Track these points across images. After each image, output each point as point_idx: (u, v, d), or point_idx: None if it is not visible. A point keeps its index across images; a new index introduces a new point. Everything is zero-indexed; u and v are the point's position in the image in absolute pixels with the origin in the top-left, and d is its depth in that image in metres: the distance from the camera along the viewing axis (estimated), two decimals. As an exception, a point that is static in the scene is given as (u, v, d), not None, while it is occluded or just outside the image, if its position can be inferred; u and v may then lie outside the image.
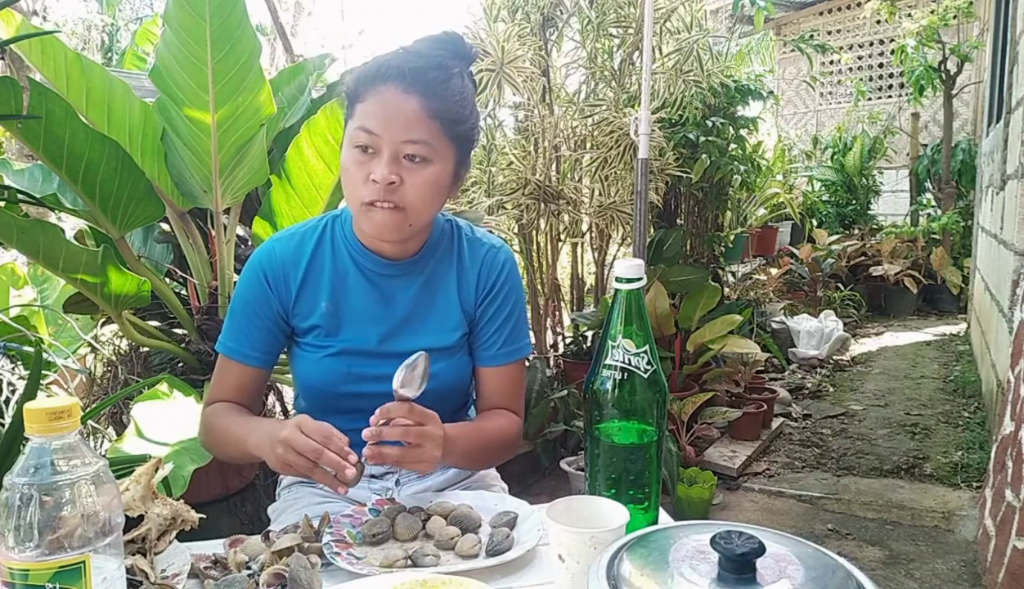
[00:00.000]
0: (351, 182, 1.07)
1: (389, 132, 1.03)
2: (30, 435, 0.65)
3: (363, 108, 1.05)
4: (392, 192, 1.04)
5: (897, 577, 2.32)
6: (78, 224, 2.50)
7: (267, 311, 1.16)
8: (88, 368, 2.43)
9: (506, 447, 1.20)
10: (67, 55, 1.97)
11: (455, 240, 1.21)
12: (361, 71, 1.07)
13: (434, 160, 1.06)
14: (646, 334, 0.91)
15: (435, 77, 1.04)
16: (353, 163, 1.05)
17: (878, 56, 8.59)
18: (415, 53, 1.06)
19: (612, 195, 3.10)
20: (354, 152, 1.05)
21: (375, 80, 1.04)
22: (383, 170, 1.02)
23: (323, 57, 2.85)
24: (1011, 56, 3.73)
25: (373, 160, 1.04)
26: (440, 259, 1.19)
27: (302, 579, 0.81)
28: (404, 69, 1.03)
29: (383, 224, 1.06)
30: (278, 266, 1.15)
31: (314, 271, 1.16)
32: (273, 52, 7.91)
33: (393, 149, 1.03)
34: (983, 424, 3.59)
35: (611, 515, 0.82)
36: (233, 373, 1.17)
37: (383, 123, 1.03)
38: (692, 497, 2.70)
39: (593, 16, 3.11)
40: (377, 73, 1.04)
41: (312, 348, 1.17)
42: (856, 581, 0.61)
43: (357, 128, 1.04)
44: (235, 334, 1.17)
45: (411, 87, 1.03)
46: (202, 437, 1.20)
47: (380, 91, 1.03)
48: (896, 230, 6.90)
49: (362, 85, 1.05)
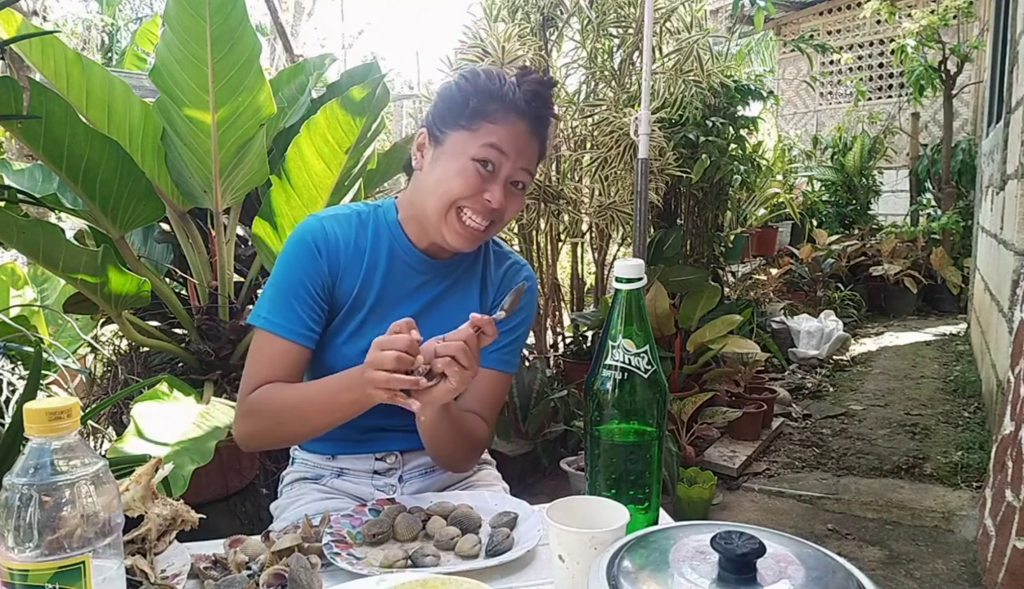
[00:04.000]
0: (456, 188, 1.09)
1: (515, 161, 1.11)
2: (30, 435, 0.65)
3: (494, 130, 1.10)
4: (495, 214, 1.12)
5: (897, 577, 2.32)
6: (78, 224, 2.50)
7: (318, 282, 1.14)
8: (88, 368, 2.44)
9: (472, 445, 1.19)
10: (67, 55, 1.97)
11: (482, 250, 1.26)
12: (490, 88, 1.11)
13: (527, 187, 1.17)
14: (646, 334, 0.91)
15: (548, 124, 1.16)
16: (471, 173, 1.09)
17: (878, 56, 8.59)
18: (544, 101, 1.14)
19: (612, 195, 3.10)
20: (474, 164, 1.09)
21: (510, 110, 1.10)
22: (499, 195, 1.10)
23: (323, 57, 2.85)
24: (1011, 56, 3.73)
25: (489, 180, 1.10)
26: (468, 266, 1.24)
27: (302, 579, 0.81)
28: (539, 115, 1.13)
29: (470, 237, 1.12)
30: (331, 240, 1.15)
31: (357, 254, 1.17)
32: (273, 52, 7.92)
33: (509, 174, 1.11)
34: (983, 424, 3.59)
35: (611, 515, 0.82)
36: (283, 354, 1.11)
37: (515, 151, 1.10)
38: (692, 497, 2.70)
39: (593, 16, 3.11)
40: (514, 105, 1.11)
41: (333, 331, 1.17)
42: (856, 581, 0.61)
43: (488, 145, 1.09)
44: (283, 310, 1.12)
45: (536, 129, 1.13)
46: (247, 426, 1.13)
47: (515, 123, 1.11)
48: (896, 230, 6.90)
49: (494, 106, 1.10)
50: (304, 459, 1.27)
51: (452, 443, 1.15)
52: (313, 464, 1.26)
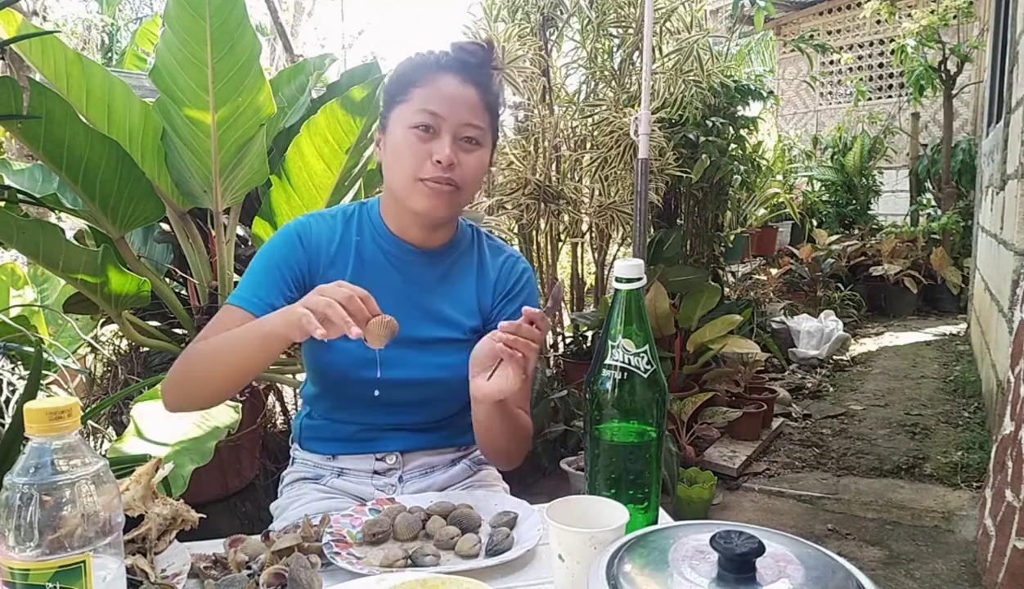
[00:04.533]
0: (406, 160, 1.11)
1: (453, 115, 1.10)
2: (30, 435, 0.65)
3: (423, 92, 1.10)
4: (451, 171, 1.10)
5: (897, 577, 2.32)
6: (78, 224, 2.50)
7: (293, 269, 1.14)
8: (88, 368, 2.44)
9: (524, 437, 1.20)
10: (67, 55, 1.97)
11: (476, 242, 1.27)
12: (415, 61, 1.15)
13: (483, 144, 1.15)
14: (646, 334, 0.91)
15: (487, 73, 1.16)
16: (412, 141, 1.10)
17: (878, 56, 8.59)
18: (468, 51, 1.14)
19: (612, 195, 3.10)
20: (413, 132, 1.10)
21: (434, 68, 1.12)
22: (446, 150, 1.09)
23: (323, 57, 2.85)
24: (1011, 56, 3.73)
25: (432, 141, 1.10)
26: (461, 255, 1.24)
27: (302, 579, 0.81)
28: (465, 62, 1.13)
29: (438, 200, 1.11)
30: (315, 237, 1.17)
31: (342, 253, 1.18)
32: (273, 52, 7.91)
33: (454, 131, 1.11)
34: (983, 424, 3.59)
35: (611, 515, 0.82)
36: (234, 320, 1.10)
37: (448, 106, 1.10)
38: (692, 497, 2.70)
39: (593, 16, 3.11)
40: (437, 62, 1.13)
41: None
42: (856, 581, 0.61)
43: (420, 109, 1.10)
44: (253, 287, 1.13)
45: (469, 78, 1.13)
46: (178, 373, 1.10)
47: (441, 77, 1.11)
48: (896, 230, 6.90)
49: (419, 72, 1.12)
50: (304, 459, 1.27)
51: (507, 437, 1.16)
52: (313, 464, 1.26)
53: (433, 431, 1.24)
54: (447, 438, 1.27)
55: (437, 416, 1.24)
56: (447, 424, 1.25)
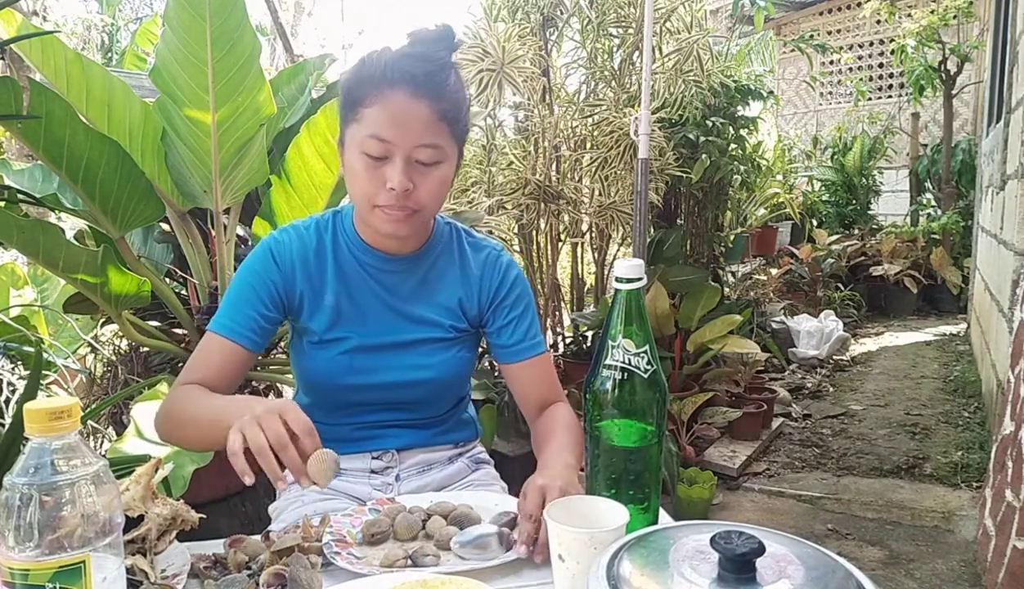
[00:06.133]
0: (362, 186, 1.06)
1: (403, 139, 1.03)
2: (30, 435, 0.65)
3: (371, 114, 1.03)
4: (407, 197, 1.05)
5: (897, 577, 2.32)
6: (78, 224, 2.50)
7: (268, 289, 1.14)
8: (88, 368, 2.43)
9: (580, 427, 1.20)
10: (67, 55, 1.97)
11: (455, 241, 1.23)
12: (361, 71, 1.05)
13: (443, 160, 1.07)
14: (646, 334, 0.91)
15: (441, 79, 1.04)
16: (364, 168, 1.05)
17: (878, 56, 8.59)
18: (419, 56, 1.03)
19: (612, 195, 3.10)
20: (364, 158, 1.04)
21: (381, 84, 1.02)
22: (399, 177, 1.03)
23: (323, 57, 2.85)
24: (1011, 56, 3.73)
25: (386, 165, 1.04)
26: (439, 257, 1.21)
27: (302, 579, 0.81)
28: (413, 74, 1.02)
29: (397, 224, 1.08)
30: (287, 253, 1.16)
31: (319, 265, 1.17)
32: (273, 52, 7.91)
33: (407, 155, 1.04)
34: (983, 424, 3.59)
35: (611, 515, 0.82)
36: (220, 351, 1.11)
37: (397, 130, 1.02)
38: (692, 497, 2.70)
39: (593, 16, 3.11)
40: (383, 77, 1.02)
41: (314, 342, 1.17)
42: (856, 581, 0.61)
43: (369, 136, 1.03)
44: (230, 311, 1.12)
45: (420, 91, 1.02)
46: (160, 415, 1.10)
47: (388, 96, 1.02)
48: (896, 230, 6.89)
49: (367, 88, 1.04)
50: (303, 460, 1.27)
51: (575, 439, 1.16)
52: (311, 465, 1.26)
53: (427, 427, 1.25)
54: (442, 434, 1.27)
55: (429, 413, 1.24)
56: (440, 420, 1.26)
